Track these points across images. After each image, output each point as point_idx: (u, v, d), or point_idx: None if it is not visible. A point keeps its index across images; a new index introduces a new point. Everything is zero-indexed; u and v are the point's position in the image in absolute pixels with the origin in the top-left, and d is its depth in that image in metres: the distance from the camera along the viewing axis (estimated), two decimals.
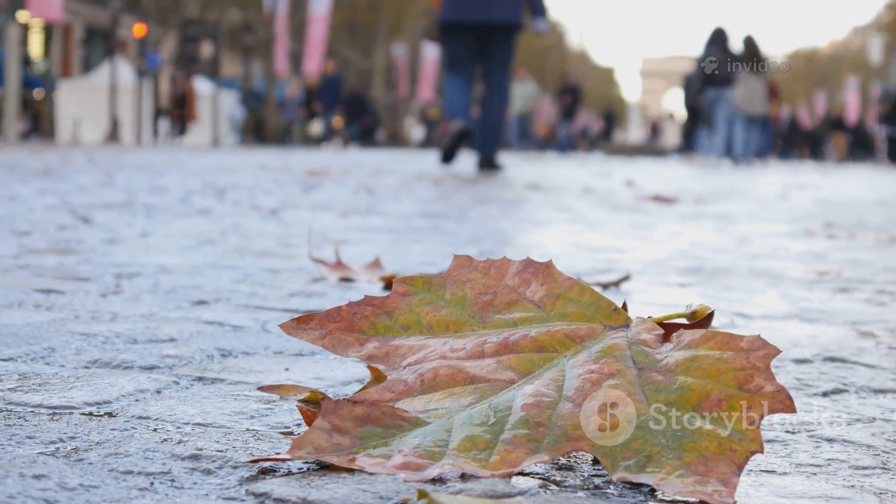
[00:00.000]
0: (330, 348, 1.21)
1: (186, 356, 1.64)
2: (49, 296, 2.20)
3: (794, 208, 6.78)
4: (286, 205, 5.47)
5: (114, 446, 1.12)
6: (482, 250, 3.46)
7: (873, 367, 1.73)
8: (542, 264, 1.25)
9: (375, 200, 6.09)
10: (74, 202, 5.09)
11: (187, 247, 3.30)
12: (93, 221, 4.10)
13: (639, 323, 1.18)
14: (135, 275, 2.58)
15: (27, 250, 3.04)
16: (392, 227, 4.34)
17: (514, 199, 6.65)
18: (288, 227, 4.18)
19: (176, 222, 4.22)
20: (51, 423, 1.21)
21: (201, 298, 2.24)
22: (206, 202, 5.46)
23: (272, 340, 1.80)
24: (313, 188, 7.17)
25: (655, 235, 4.44)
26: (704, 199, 7.38)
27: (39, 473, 1.01)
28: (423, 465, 1.00)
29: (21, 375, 1.46)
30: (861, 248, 4.00)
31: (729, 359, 1.07)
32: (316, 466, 1.05)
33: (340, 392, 1.44)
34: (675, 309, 1.29)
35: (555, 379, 1.11)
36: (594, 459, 1.11)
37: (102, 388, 1.40)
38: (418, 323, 1.22)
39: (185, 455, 1.10)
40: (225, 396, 1.38)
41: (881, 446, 1.24)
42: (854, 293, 2.69)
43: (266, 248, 3.33)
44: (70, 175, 7.90)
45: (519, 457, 1.01)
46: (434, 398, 1.11)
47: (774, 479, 1.11)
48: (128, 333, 1.81)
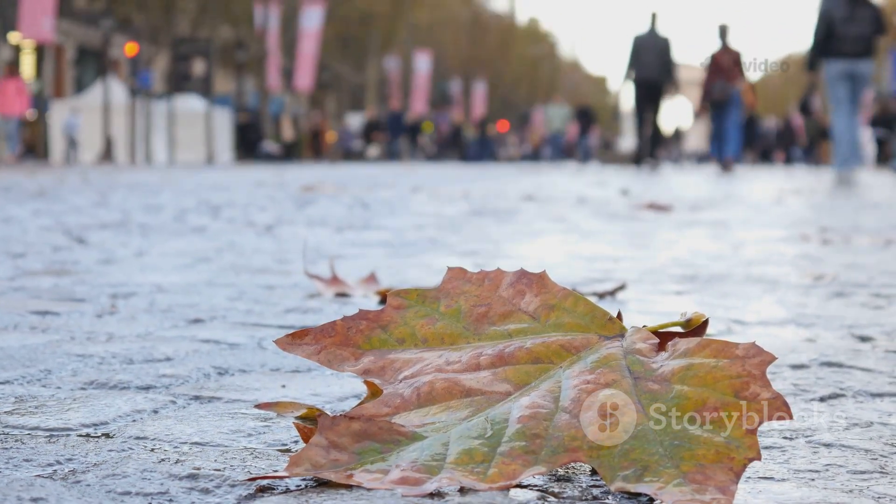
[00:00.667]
0: (325, 363, 1.21)
1: (183, 375, 1.64)
2: (45, 317, 2.20)
3: (789, 213, 6.78)
4: (281, 221, 5.47)
5: (111, 467, 1.12)
6: (477, 262, 3.46)
7: (870, 371, 1.73)
8: (536, 275, 1.26)
9: (370, 215, 6.09)
10: (69, 223, 5.09)
11: (182, 265, 3.30)
12: (88, 242, 4.10)
13: (634, 332, 1.18)
14: (130, 294, 2.58)
15: (22, 272, 3.04)
16: (387, 241, 4.34)
17: (509, 210, 6.65)
18: (283, 243, 4.18)
19: (171, 241, 4.22)
20: (48, 446, 1.21)
21: (197, 317, 2.24)
22: (200, 220, 5.46)
23: (268, 357, 1.79)
24: (308, 204, 7.17)
25: (651, 244, 4.44)
26: (699, 206, 7.38)
27: (37, 497, 1.01)
28: (421, 479, 1.00)
29: (17, 398, 1.46)
30: (856, 252, 4.00)
31: (724, 367, 1.07)
32: (314, 483, 1.05)
33: (337, 408, 1.44)
34: (671, 317, 1.29)
35: (551, 390, 1.11)
36: (592, 470, 1.11)
37: (99, 410, 1.40)
38: (413, 336, 1.22)
39: (183, 475, 1.10)
40: (222, 415, 1.38)
41: (879, 450, 1.24)
42: (850, 297, 2.69)
43: (261, 265, 3.33)
44: (65, 196, 7.90)
45: (517, 469, 1.01)
46: (431, 412, 1.11)
47: (773, 485, 1.11)
48: (124, 353, 1.81)
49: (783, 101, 57.37)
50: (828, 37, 12.02)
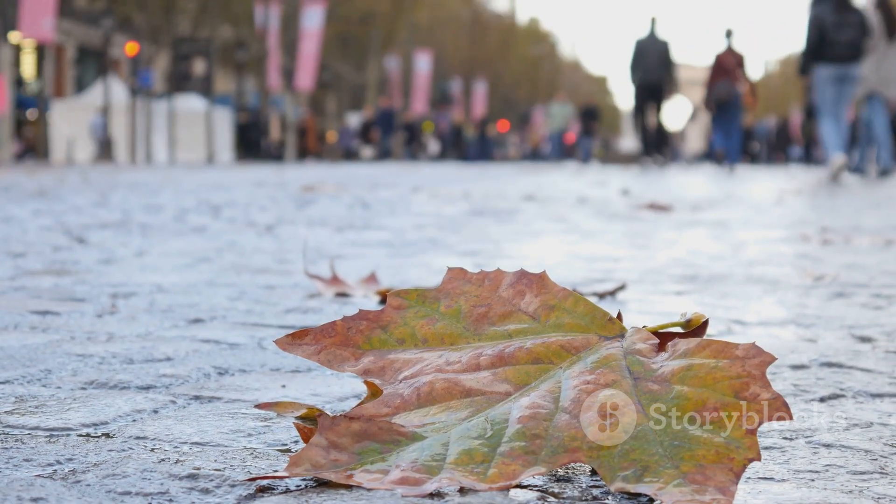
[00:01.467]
0: (325, 363, 1.21)
1: (183, 375, 1.64)
2: (45, 317, 2.20)
3: (790, 214, 6.78)
4: (282, 221, 5.48)
5: (111, 467, 1.12)
6: (477, 262, 3.46)
7: (870, 371, 1.73)
8: (536, 275, 1.26)
9: (371, 215, 6.09)
10: (69, 222, 5.09)
11: (183, 265, 3.30)
12: (88, 241, 4.10)
13: (634, 333, 1.18)
14: (130, 294, 2.58)
15: (22, 272, 3.04)
16: (388, 241, 4.34)
17: (510, 210, 6.65)
18: (283, 243, 4.18)
19: (171, 241, 4.22)
20: (48, 446, 1.21)
21: (197, 317, 2.24)
22: (201, 220, 5.46)
23: (269, 357, 1.79)
24: (309, 203, 7.17)
25: (651, 244, 4.44)
26: (700, 206, 7.38)
27: (37, 496, 1.01)
28: (421, 479, 1.00)
29: (18, 398, 1.46)
30: (857, 253, 4.00)
31: (724, 367, 1.07)
32: (314, 483, 1.05)
33: (337, 408, 1.44)
34: (672, 318, 1.29)
35: (551, 390, 1.11)
36: (592, 471, 1.11)
37: (99, 409, 1.40)
38: (413, 336, 1.22)
39: (183, 475, 1.10)
40: (222, 415, 1.38)
41: (879, 451, 1.24)
42: (850, 298, 2.69)
43: (262, 265, 3.33)
44: (65, 195, 7.90)
45: (517, 469, 1.01)
46: (431, 412, 1.11)
47: (773, 486, 1.11)
48: (124, 353, 1.81)
49: (783, 100, 57.38)
50: (820, 42, 12.23)
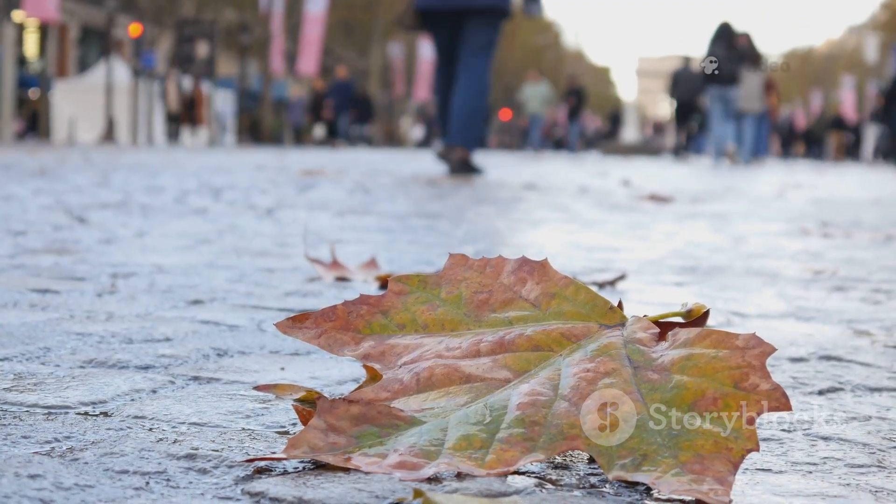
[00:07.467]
0: (325, 347, 1.21)
1: (182, 356, 1.64)
2: (44, 295, 2.20)
3: (790, 207, 6.78)
4: (282, 204, 5.47)
5: (109, 446, 1.12)
6: (478, 249, 3.46)
7: (869, 365, 1.73)
8: (538, 263, 1.25)
9: (371, 200, 6.09)
10: (70, 202, 5.09)
11: (183, 247, 3.30)
12: (88, 221, 4.10)
13: (634, 321, 1.18)
14: (130, 274, 2.58)
15: (23, 250, 3.04)
16: (388, 226, 4.34)
17: (511, 199, 6.65)
18: (284, 226, 4.18)
19: (172, 222, 4.22)
20: (46, 423, 1.21)
21: (197, 298, 2.24)
22: (202, 202, 5.46)
23: (268, 340, 1.79)
24: (309, 188, 7.17)
25: (652, 235, 4.44)
26: (701, 198, 7.38)
27: (35, 473, 1.01)
28: (419, 464, 1.00)
29: (16, 375, 1.46)
30: (857, 247, 4.00)
31: (724, 357, 1.07)
32: (312, 466, 1.05)
33: (336, 391, 1.44)
34: (671, 308, 1.29)
35: (550, 378, 1.11)
36: (590, 458, 1.11)
37: (98, 388, 1.40)
38: (414, 322, 1.22)
39: (181, 454, 1.10)
40: (221, 396, 1.38)
41: (877, 444, 1.24)
42: (850, 292, 2.69)
43: (262, 248, 3.33)
44: (66, 175, 7.89)
45: (515, 456, 1.01)
46: (430, 397, 1.11)
47: (770, 477, 1.11)
48: (123, 333, 1.81)
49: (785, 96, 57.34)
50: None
